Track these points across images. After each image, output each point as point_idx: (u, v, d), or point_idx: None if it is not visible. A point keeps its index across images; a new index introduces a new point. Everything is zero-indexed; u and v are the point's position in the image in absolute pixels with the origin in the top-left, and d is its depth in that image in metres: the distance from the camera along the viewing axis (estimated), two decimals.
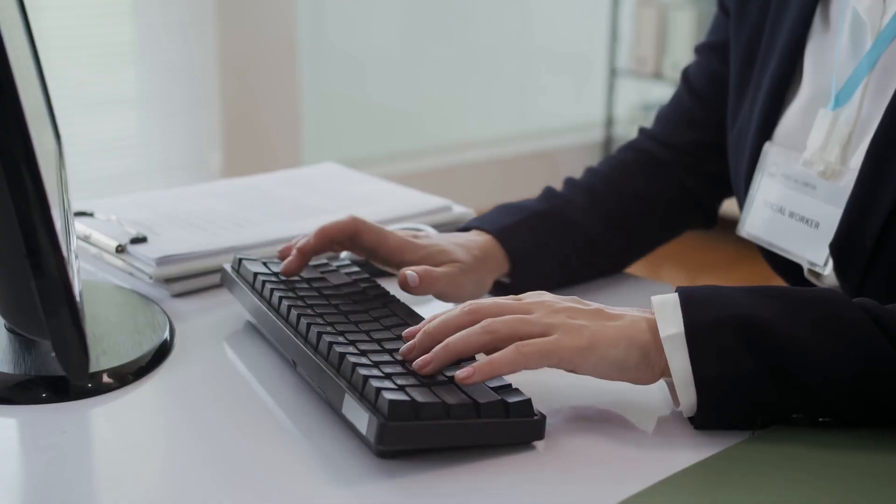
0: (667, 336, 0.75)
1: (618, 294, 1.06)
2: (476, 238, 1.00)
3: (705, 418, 0.76)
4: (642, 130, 1.16)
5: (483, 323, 0.76)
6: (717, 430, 0.76)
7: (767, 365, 0.74)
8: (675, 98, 1.15)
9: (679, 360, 0.75)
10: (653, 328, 0.77)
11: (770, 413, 0.76)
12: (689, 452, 0.73)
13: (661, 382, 0.80)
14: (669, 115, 1.14)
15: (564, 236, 1.04)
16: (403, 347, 0.78)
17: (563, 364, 0.76)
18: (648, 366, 0.77)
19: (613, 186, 1.09)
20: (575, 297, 0.81)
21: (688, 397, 0.75)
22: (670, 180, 1.11)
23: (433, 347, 0.76)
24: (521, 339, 0.76)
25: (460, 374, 0.73)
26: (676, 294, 0.77)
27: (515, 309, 0.78)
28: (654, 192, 1.10)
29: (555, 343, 0.75)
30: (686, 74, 1.14)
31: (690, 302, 0.76)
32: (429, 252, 0.95)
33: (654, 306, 0.77)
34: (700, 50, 1.13)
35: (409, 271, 0.91)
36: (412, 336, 0.79)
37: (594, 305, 0.80)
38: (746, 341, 0.74)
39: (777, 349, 0.74)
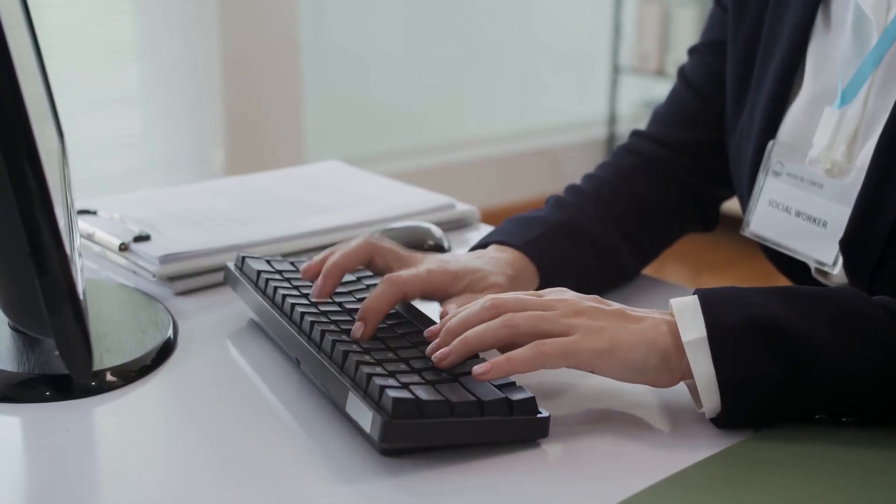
0: (689, 340, 0.75)
1: (624, 292, 1.06)
2: (502, 255, 0.96)
3: (729, 420, 0.76)
4: (636, 133, 1.14)
5: (503, 317, 0.76)
6: (721, 428, 0.76)
7: (791, 367, 0.74)
8: (673, 97, 1.13)
9: (702, 364, 0.75)
10: (674, 332, 0.76)
11: (793, 414, 0.76)
12: (693, 450, 0.73)
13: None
14: (667, 115, 1.12)
15: (584, 247, 1.01)
16: (429, 348, 0.77)
17: (582, 366, 0.76)
18: (668, 370, 0.77)
19: (618, 193, 1.07)
20: (597, 296, 0.80)
21: (711, 401, 0.75)
22: (670, 182, 1.09)
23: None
24: (541, 336, 0.75)
25: (477, 368, 0.73)
26: (696, 297, 0.77)
27: (537, 305, 0.78)
28: (655, 195, 1.08)
29: (575, 344, 0.75)
30: (683, 73, 1.12)
31: (711, 305, 0.76)
32: (469, 281, 0.91)
33: (673, 309, 0.77)
34: (696, 50, 1.12)
35: (453, 306, 0.88)
36: (435, 334, 0.79)
37: (616, 306, 0.79)
38: (769, 344, 0.74)
39: (799, 350, 0.74)
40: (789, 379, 0.74)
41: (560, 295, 0.80)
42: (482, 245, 1.00)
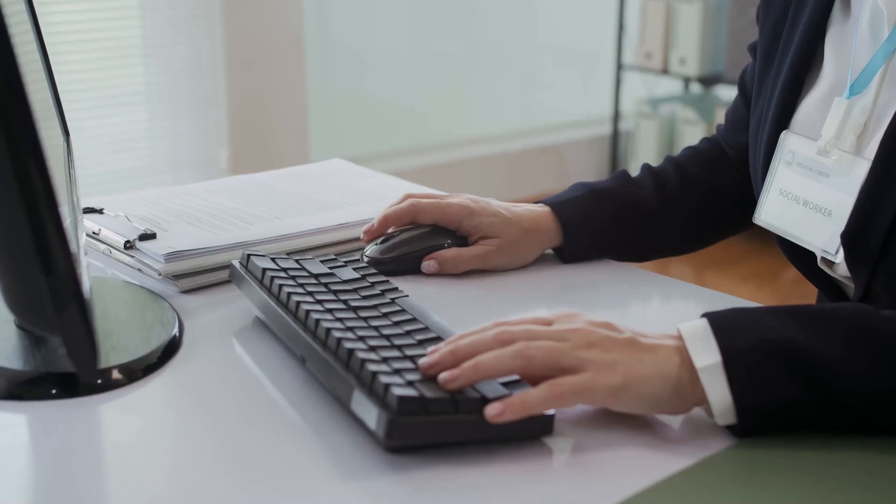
0: (703, 367, 0.73)
1: (629, 290, 1.06)
2: (534, 209, 1.09)
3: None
4: (719, 126, 1.23)
5: (517, 346, 0.74)
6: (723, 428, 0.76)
7: (808, 388, 0.73)
8: (734, 99, 1.21)
9: (718, 390, 0.73)
10: (686, 361, 0.74)
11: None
12: (696, 450, 0.73)
13: None
14: (729, 116, 1.21)
15: (620, 210, 1.10)
16: (424, 361, 0.75)
17: (596, 403, 0.75)
18: (682, 400, 0.75)
19: (681, 171, 1.16)
20: (608, 321, 0.78)
21: (727, 423, 0.74)
22: (732, 173, 1.17)
23: (457, 365, 0.73)
24: (554, 368, 0.74)
25: (490, 410, 0.71)
26: (706, 321, 0.75)
27: (548, 336, 0.75)
28: (716, 179, 1.17)
29: (589, 382, 0.73)
30: (741, 76, 1.18)
31: (722, 330, 0.74)
32: (480, 223, 1.06)
33: (683, 336, 0.75)
34: (748, 50, 1.16)
35: (426, 262, 1.05)
36: (435, 363, 0.75)
37: (627, 334, 0.76)
38: (785, 366, 0.72)
39: (815, 371, 0.72)
40: (807, 400, 0.73)
41: (570, 323, 0.77)
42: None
